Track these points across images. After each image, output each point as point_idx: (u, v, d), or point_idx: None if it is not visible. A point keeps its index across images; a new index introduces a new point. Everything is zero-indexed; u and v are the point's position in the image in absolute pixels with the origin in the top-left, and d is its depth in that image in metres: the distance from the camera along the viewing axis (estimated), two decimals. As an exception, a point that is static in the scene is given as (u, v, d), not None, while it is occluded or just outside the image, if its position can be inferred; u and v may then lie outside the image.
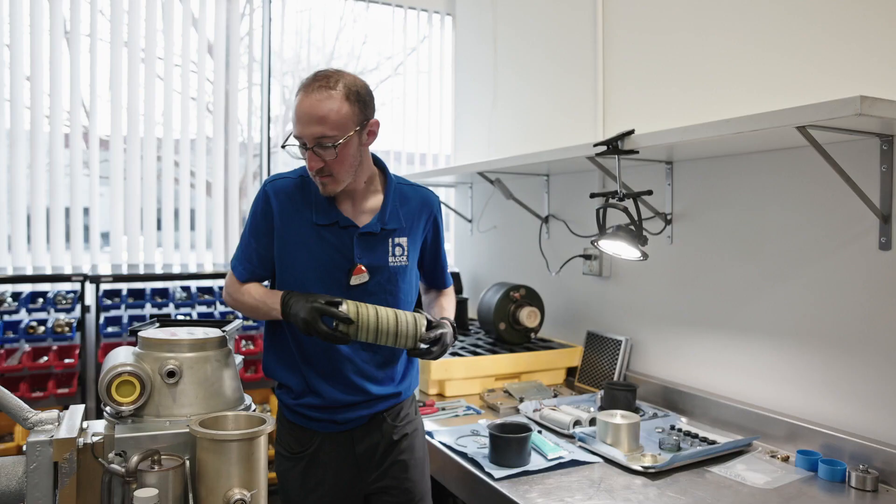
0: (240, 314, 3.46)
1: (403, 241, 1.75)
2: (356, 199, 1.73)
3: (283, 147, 1.63)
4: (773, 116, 1.53)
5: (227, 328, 1.64)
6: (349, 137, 1.57)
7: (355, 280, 1.69)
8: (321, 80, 1.55)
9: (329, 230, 1.69)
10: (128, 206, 3.64)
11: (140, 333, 1.47)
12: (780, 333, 2.05)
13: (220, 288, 3.61)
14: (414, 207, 1.78)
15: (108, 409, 1.45)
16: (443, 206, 1.92)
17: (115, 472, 1.21)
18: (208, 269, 3.62)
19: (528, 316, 2.75)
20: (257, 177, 4.11)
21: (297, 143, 1.61)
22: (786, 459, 1.89)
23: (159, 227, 3.76)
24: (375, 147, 1.74)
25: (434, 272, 1.93)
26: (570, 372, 2.79)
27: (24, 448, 1.28)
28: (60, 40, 3.47)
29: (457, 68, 4.09)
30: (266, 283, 1.79)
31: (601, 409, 2.31)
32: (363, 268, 1.69)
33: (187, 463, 1.26)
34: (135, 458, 1.17)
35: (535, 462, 1.84)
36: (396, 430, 1.77)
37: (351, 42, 4.27)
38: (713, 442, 1.99)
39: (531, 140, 3.26)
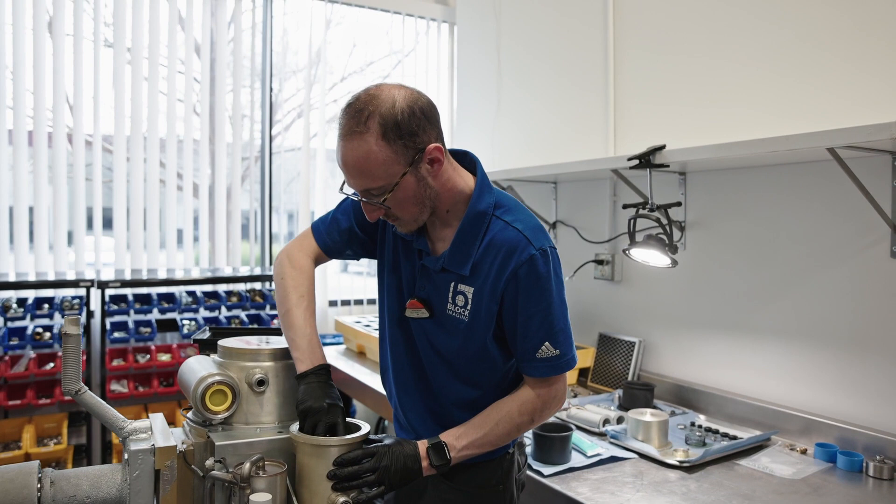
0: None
1: (468, 291, 1.39)
2: (438, 223, 1.45)
3: (340, 191, 1.41)
4: (809, 137, 1.66)
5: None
6: (402, 181, 1.29)
7: (410, 312, 1.48)
8: (352, 121, 1.26)
9: (409, 249, 1.51)
10: (132, 211, 3.63)
11: (221, 342, 1.52)
12: (792, 335, 2.20)
13: (226, 293, 3.62)
14: (492, 253, 1.37)
15: (189, 416, 1.50)
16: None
17: (219, 479, 1.27)
18: (209, 275, 3.63)
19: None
20: (245, 179, 4.13)
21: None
22: (804, 452, 2.04)
23: (161, 230, 3.75)
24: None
25: (514, 351, 1.43)
26: (582, 372, 2.90)
27: (125, 456, 1.33)
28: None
29: (458, 76, 4.17)
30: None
31: (621, 407, 2.43)
32: (418, 302, 1.46)
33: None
34: (247, 465, 1.23)
35: (576, 459, 1.94)
36: (446, 487, 1.49)
37: (345, 46, 4.31)
38: (734, 437, 2.12)
39: (536, 149, 3.37)
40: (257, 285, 3.80)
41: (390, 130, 1.25)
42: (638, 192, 2.44)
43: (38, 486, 1.25)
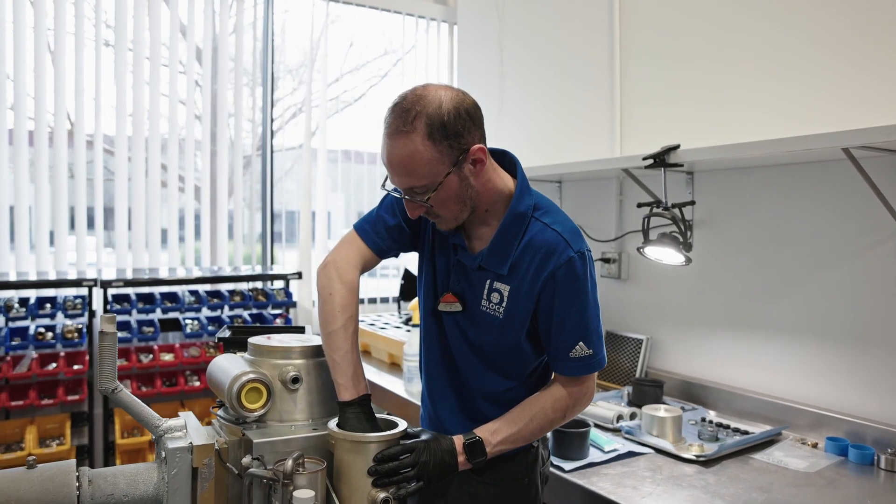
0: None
1: (504, 289, 1.42)
2: (476, 221, 1.47)
3: (382, 187, 1.44)
4: (826, 138, 1.69)
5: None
6: (445, 180, 1.32)
7: (443, 306, 1.50)
8: (399, 120, 1.29)
9: (445, 244, 1.53)
10: (133, 210, 3.61)
11: (251, 340, 1.53)
12: (800, 332, 2.24)
13: (229, 292, 3.61)
14: (531, 254, 1.39)
15: (220, 413, 1.50)
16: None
17: (258, 476, 1.28)
18: (211, 274, 3.61)
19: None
20: (246, 178, 4.11)
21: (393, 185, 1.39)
22: (815, 446, 2.08)
23: (162, 229, 3.73)
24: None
25: (548, 351, 1.46)
26: (589, 369, 2.93)
27: (163, 455, 1.33)
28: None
29: (458, 75, 4.19)
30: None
31: (630, 403, 2.47)
32: (453, 297, 1.48)
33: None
34: (289, 462, 1.23)
35: (594, 454, 1.96)
36: (474, 482, 1.49)
37: (344, 44, 4.31)
38: (746, 432, 2.16)
39: (539, 149, 3.39)
40: (259, 284, 3.80)
41: (436, 131, 1.28)
42: (648, 191, 2.47)
43: (77, 484, 1.25)
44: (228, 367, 1.45)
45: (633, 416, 2.28)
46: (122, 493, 1.30)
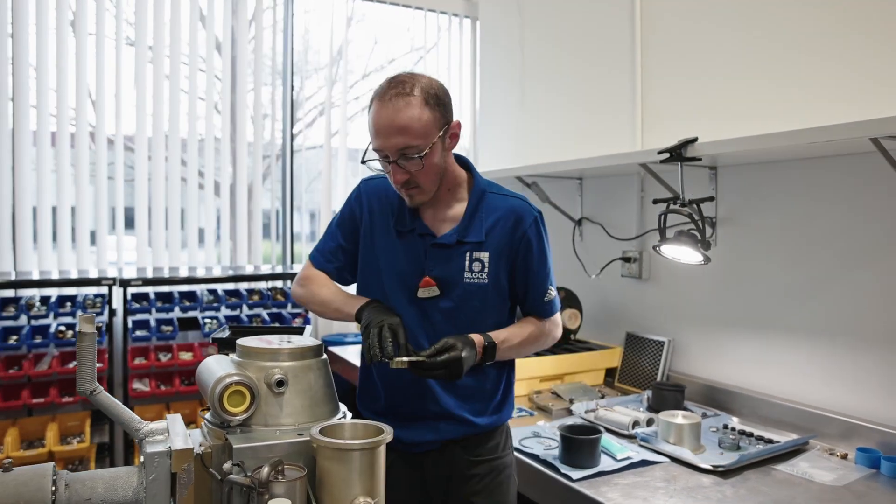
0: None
1: (484, 256, 1.62)
2: (438, 206, 1.65)
3: (363, 163, 1.56)
4: (851, 128, 1.58)
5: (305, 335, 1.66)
6: (433, 145, 1.50)
7: (423, 293, 1.63)
8: (397, 87, 1.48)
9: (407, 237, 1.65)
10: (154, 209, 3.63)
11: (239, 342, 1.48)
12: (829, 334, 2.11)
13: (248, 291, 3.60)
14: (502, 220, 1.63)
15: (207, 417, 1.46)
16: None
17: (237, 483, 1.23)
18: (230, 273, 3.61)
19: (569, 318, 2.80)
20: (267, 177, 4.10)
21: (377, 156, 1.54)
22: (844, 457, 1.95)
23: (183, 228, 3.74)
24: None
25: (525, 299, 1.72)
26: (609, 372, 2.83)
27: (142, 459, 1.29)
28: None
29: (480, 71, 4.12)
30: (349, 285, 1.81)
31: (650, 409, 2.36)
32: (431, 281, 1.62)
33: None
34: (266, 469, 1.18)
35: (606, 463, 1.88)
36: (470, 464, 1.67)
37: (367, 43, 4.28)
38: (770, 440, 2.04)
39: (561, 144, 3.30)
40: (279, 283, 3.78)
41: (432, 98, 1.49)
42: (668, 187, 2.36)
43: (53, 488, 1.22)
44: (214, 368, 1.41)
45: (650, 423, 2.18)
46: (100, 498, 1.26)
